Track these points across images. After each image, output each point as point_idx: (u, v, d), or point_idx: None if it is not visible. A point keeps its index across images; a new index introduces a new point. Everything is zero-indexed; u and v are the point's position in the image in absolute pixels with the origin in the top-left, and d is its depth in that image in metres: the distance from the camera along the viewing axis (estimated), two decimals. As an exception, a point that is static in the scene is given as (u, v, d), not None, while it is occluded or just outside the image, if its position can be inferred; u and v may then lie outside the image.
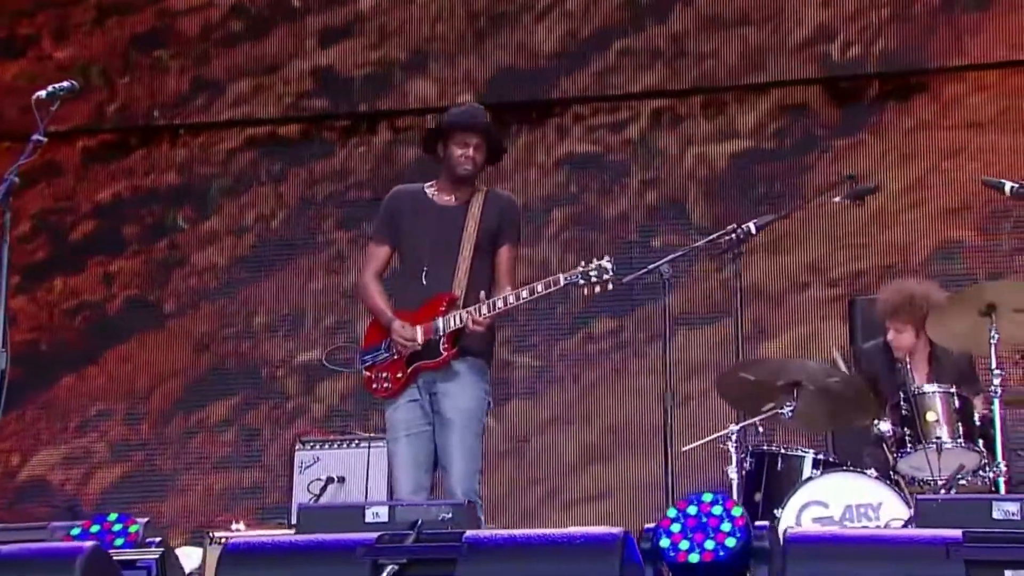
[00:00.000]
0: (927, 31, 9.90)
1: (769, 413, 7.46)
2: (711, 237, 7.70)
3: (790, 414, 7.42)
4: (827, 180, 9.93)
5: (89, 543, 4.38)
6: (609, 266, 6.66)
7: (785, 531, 4.49)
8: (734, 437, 7.40)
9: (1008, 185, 7.25)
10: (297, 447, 8.33)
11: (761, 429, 7.64)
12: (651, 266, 7.67)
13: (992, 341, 7.11)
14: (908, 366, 7.59)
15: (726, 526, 4.44)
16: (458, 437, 6.84)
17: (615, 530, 4.28)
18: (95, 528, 4.94)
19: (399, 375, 6.83)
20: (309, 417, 10.38)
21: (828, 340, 9.81)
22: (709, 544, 4.45)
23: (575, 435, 10.05)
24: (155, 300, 10.71)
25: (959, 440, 7.27)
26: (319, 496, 8.08)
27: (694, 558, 4.48)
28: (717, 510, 4.50)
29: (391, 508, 5.17)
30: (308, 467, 8.18)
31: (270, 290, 10.54)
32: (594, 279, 6.65)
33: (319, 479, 8.13)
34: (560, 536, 4.19)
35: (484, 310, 6.70)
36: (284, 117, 10.65)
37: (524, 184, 10.27)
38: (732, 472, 7.36)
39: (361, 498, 8.07)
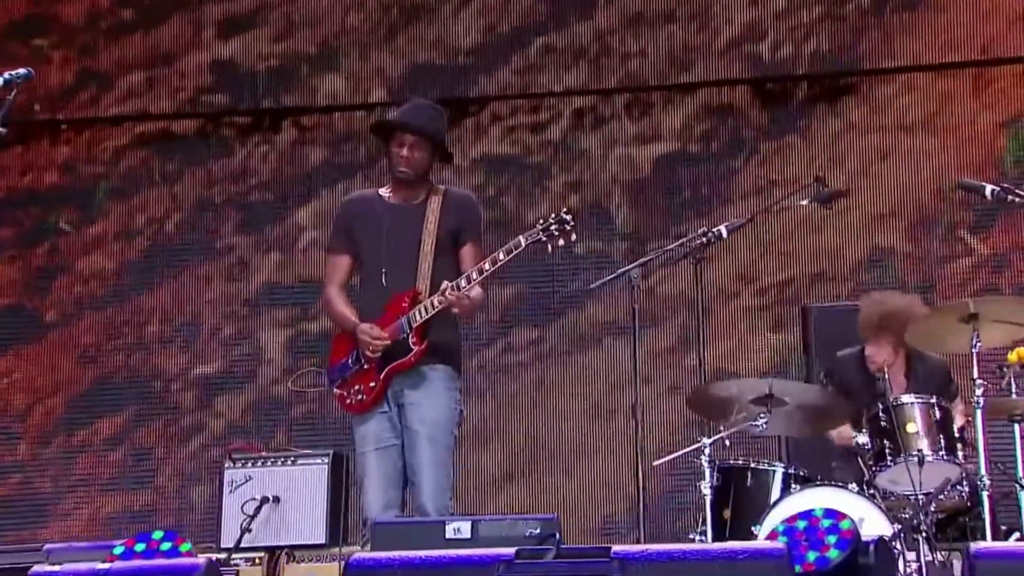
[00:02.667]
0: (858, 32, 9.93)
1: (742, 426, 7.35)
2: (683, 240, 7.57)
3: (764, 427, 7.31)
4: (755, 184, 10.00)
5: (203, 559, 4.14)
6: (568, 217, 6.59)
7: (969, 547, 4.35)
8: (707, 451, 7.26)
9: (989, 188, 7.23)
10: (227, 464, 8.01)
11: (728, 443, 7.49)
12: (620, 271, 7.54)
13: (974, 349, 7.07)
14: (887, 376, 7.53)
15: (831, 539, 4.30)
16: (426, 451, 6.69)
17: (778, 544, 4.10)
18: (140, 547, 4.64)
19: (372, 384, 6.68)
20: (208, 434, 10.10)
21: (759, 350, 9.83)
22: (811, 556, 4.30)
23: (493, 452, 9.88)
24: (35, 309, 10.28)
25: (941, 453, 7.22)
26: (253, 517, 7.74)
27: (796, 569, 4.33)
28: (826, 523, 4.36)
29: (473, 524, 4.95)
30: (239, 486, 7.87)
31: (164, 298, 10.23)
32: (556, 232, 6.59)
33: (254, 499, 7.80)
34: (721, 551, 3.99)
35: (449, 292, 6.57)
36: (179, 113, 10.34)
37: (439, 186, 10.04)
38: (705, 488, 7.21)
39: (299, 518, 7.77)
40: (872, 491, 7.25)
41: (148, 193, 10.32)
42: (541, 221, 6.61)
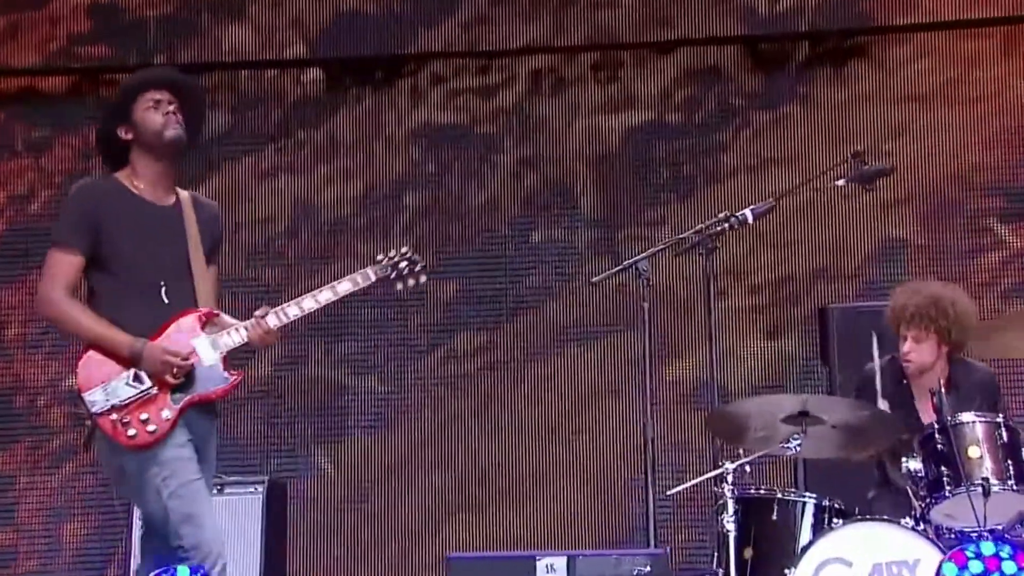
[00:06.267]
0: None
1: (768, 449, 7.32)
2: (699, 227, 7.52)
3: (798, 448, 7.29)
4: (745, 162, 10.13)
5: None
6: (418, 258, 6.63)
7: None
8: (730, 478, 7.22)
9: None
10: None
11: (748, 468, 7.38)
12: (627, 262, 7.55)
13: (1053, 354, 7.04)
14: (942, 390, 7.42)
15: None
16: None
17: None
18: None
19: (166, 413, 6.38)
20: (82, 459, 9.81)
21: (751, 357, 9.86)
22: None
23: (433, 481, 9.87)
24: None
25: (1010, 482, 7.10)
26: (171, 560, 7.48)
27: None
28: (1010, 568, 4.14)
29: (569, 560, 4.77)
30: (153, 522, 7.61)
31: (28, 293, 10.03)
32: (405, 271, 6.60)
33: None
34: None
35: (272, 320, 6.44)
36: (48, 67, 10.31)
37: (367, 161, 10.11)
38: (728, 522, 7.19)
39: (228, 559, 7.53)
40: (925, 527, 7.15)
41: (8, 164, 10.27)
42: (384, 256, 6.58)
